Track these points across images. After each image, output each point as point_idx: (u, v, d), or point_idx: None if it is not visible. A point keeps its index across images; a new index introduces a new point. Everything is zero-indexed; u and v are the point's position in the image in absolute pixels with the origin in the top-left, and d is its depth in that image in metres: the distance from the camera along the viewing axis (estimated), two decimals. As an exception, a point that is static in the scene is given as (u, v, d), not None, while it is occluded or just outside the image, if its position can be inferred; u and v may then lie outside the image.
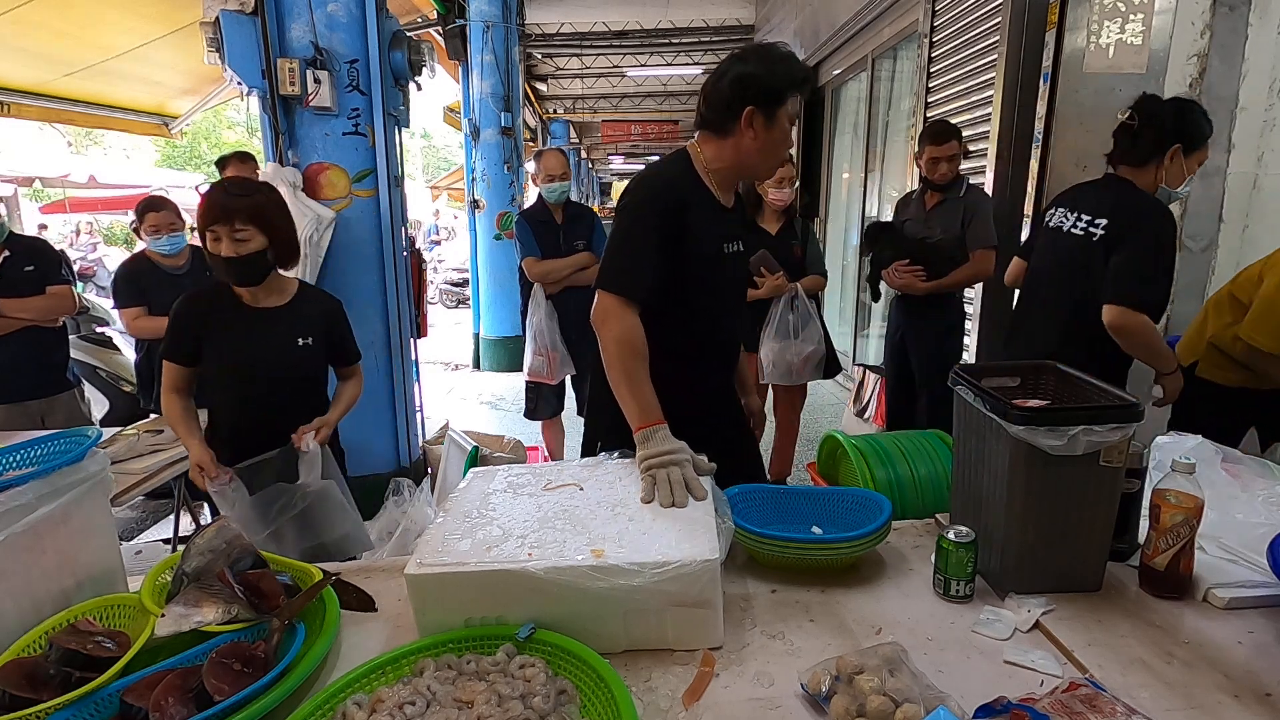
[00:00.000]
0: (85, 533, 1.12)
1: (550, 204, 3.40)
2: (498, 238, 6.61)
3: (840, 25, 5.55)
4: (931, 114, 4.10)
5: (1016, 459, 1.09)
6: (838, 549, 1.19)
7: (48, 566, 1.05)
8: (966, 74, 3.72)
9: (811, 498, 1.41)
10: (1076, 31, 2.65)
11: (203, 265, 3.13)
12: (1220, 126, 2.58)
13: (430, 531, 1.11)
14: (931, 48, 4.10)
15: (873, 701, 0.83)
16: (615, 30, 9.38)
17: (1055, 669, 0.96)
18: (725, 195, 1.55)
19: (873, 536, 1.20)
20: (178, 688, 0.89)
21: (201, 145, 20.96)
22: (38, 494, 1.02)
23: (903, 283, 3.02)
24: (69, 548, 1.09)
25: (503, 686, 0.90)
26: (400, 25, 3.05)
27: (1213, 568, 1.16)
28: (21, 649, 1.00)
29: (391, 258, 3.00)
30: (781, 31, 7.41)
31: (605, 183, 23.80)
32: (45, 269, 2.87)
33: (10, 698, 0.90)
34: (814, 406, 4.87)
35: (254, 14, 2.67)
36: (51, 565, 1.06)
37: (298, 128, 2.80)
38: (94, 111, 5.31)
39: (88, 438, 1.14)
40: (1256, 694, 0.90)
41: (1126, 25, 2.59)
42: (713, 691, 0.95)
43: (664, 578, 0.98)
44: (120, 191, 10.40)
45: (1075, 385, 1.25)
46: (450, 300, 12.75)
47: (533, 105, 11.61)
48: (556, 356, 3.36)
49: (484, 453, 3.09)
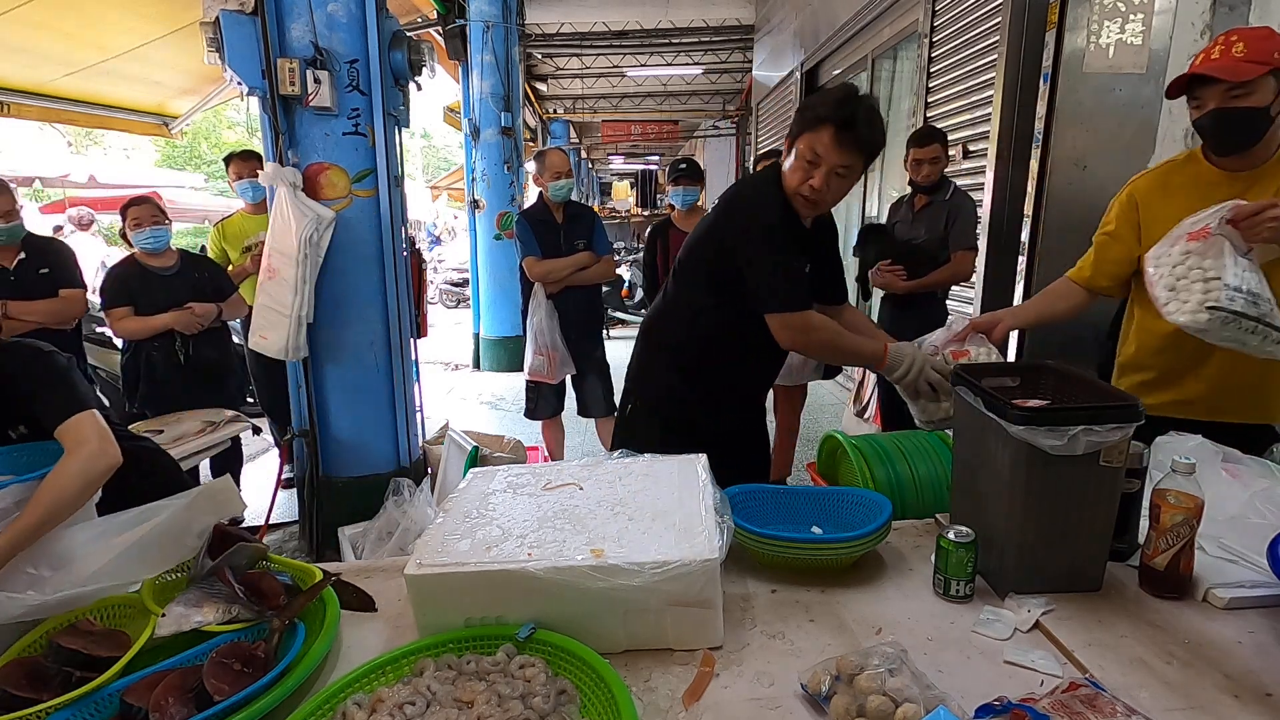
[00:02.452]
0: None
1: (552, 203, 3.41)
2: (498, 238, 6.61)
3: (840, 25, 5.55)
4: (931, 114, 4.10)
5: (1016, 459, 1.09)
6: (837, 549, 1.19)
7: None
8: (966, 74, 3.72)
9: (811, 498, 1.41)
10: (1076, 31, 2.65)
11: (192, 266, 3.14)
12: (1220, 126, 2.58)
13: (430, 531, 1.11)
14: (931, 48, 4.10)
15: (873, 701, 0.83)
16: (615, 30, 9.38)
17: (1055, 669, 0.96)
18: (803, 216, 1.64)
19: (873, 536, 1.20)
20: (178, 688, 0.89)
21: (201, 145, 20.94)
22: (17, 499, 1.01)
23: (883, 282, 3.21)
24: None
25: (503, 686, 0.90)
26: (400, 25, 3.04)
27: (1213, 568, 1.16)
28: (22, 649, 1.00)
29: (391, 258, 2.99)
30: (781, 31, 7.42)
31: (605, 183, 23.76)
32: (59, 272, 2.89)
33: (10, 698, 0.90)
34: (814, 406, 4.87)
35: (254, 14, 2.66)
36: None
37: (298, 128, 2.80)
38: (94, 111, 5.31)
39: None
40: (1256, 694, 0.90)
41: (1126, 25, 2.59)
42: (713, 691, 0.95)
43: (664, 577, 0.98)
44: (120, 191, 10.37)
45: (1075, 385, 1.25)
46: (450, 300, 12.75)
47: (533, 105, 11.61)
48: (556, 356, 3.36)
49: (484, 453, 3.08)
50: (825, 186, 1.52)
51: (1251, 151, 1.47)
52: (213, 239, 3.69)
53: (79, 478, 1.23)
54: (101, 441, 1.31)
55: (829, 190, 1.53)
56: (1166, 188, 1.60)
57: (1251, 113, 1.39)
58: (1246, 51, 1.36)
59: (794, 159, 1.56)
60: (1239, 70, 1.35)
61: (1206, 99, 1.41)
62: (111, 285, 3.00)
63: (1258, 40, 1.37)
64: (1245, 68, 1.35)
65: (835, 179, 1.52)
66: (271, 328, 2.84)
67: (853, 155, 1.51)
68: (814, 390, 4.80)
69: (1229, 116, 1.40)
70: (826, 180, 1.52)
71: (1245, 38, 1.38)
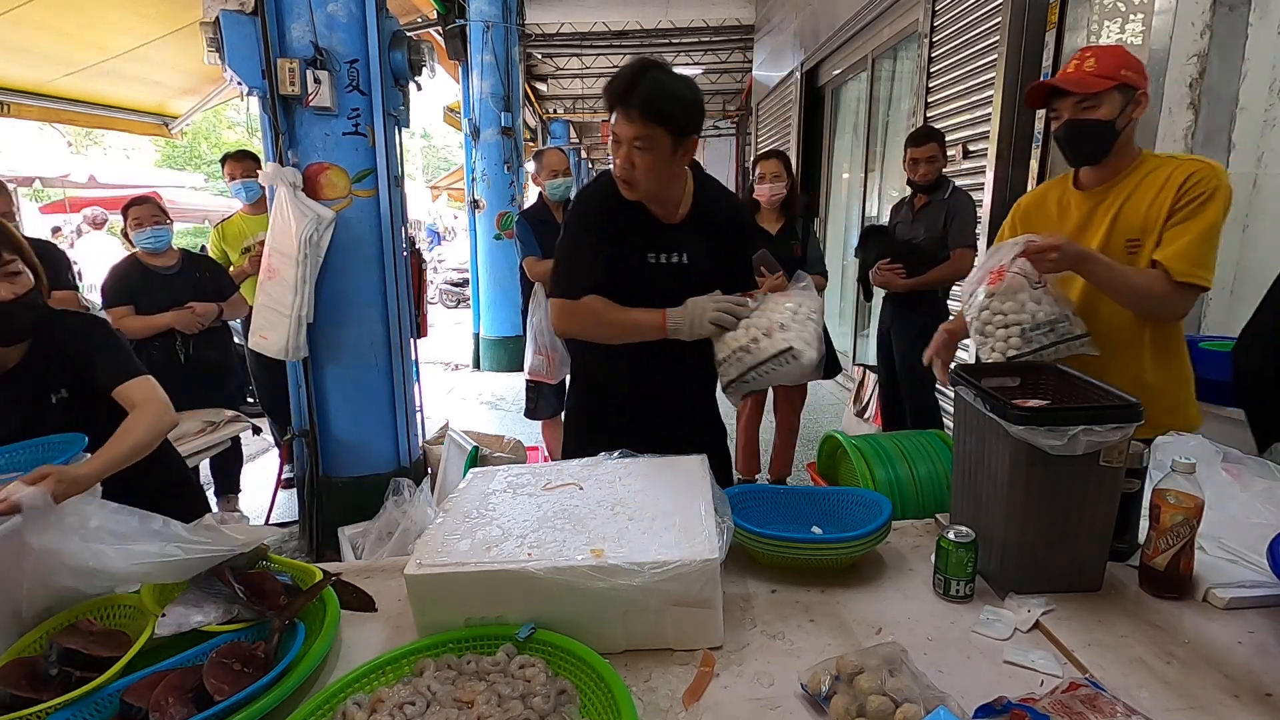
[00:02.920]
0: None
1: (551, 202, 3.41)
2: (498, 238, 6.61)
3: (840, 25, 5.55)
4: (931, 114, 4.10)
5: (1016, 459, 1.09)
6: (837, 549, 1.19)
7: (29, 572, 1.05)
8: (966, 74, 3.72)
9: (811, 498, 1.41)
10: (1076, 31, 2.65)
11: (193, 266, 3.14)
12: (1220, 126, 2.58)
13: (430, 532, 1.11)
14: (931, 48, 4.10)
15: (873, 701, 0.83)
16: (615, 30, 9.38)
17: (1055, 669, 0.96)
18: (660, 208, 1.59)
19: (873, 536, 1.20)
20: (178, 688, 0.89)
21: (201, 145, 20.93)
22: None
23: (882, 280, 3.22)
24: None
25: (503, 686, 0.90)
26: (400, 25, 3.04)
27: (1213, 568, 1.16)
28: (22, 649, 1.00)
29: (391, 258, 3.00)
30: (781, 31, 7.42)
31: (605, 183, 23.68)
32: (51, 274, 2.87)
33: (11, 697, 0.90)
34: (814, 406, 4.87)
35: (254, 14, 2.66)
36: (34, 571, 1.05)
37: (298, 128, 2.80)
38: (94, 111, 5.31)
39: (72, 444, 1.14)
40: (1256, 694, 0.90)
41: (1126, 25, 2.59)
42: (713, 691, 0.95)
43: (664, 577, 0.98)
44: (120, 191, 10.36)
45: (1075, 385, 1.25)
46: (450, 300, 12.75)
47: (533, 105, 11.61)
48: (556, 356, 3.36)
49: (484, 453, 3.08)
50: (630, 164, 1.47)
51: (1104, 165, 1.54)
52: (213, 241, 3.69)
53: (150, 430, 1.43)
54: (165, 402, 1.52)
55: (637, 168, 1.47)
56: (1042, 208, 1.68)
57: (1099, 125, 1.46)
58: (1096, 67, 1.45)
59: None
60: (1087, 83, 1.44)
61: (1061, 110, 1.50)
62: (112, 284, 3.00)
63: (1108, 57, 1.46)
64: (1093, 81, 1.44)
65: (638, 154, 1.46)
66: (271, 328, 2.84)
67: (642, 126, 1.43)
68: (814, 390, 4.81)
69: (1079, 128, 1.48)
70: (629, 157, 1.47)
71: (1097, 54, 1.47)
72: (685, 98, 1.47)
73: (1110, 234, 1.52)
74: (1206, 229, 1.42)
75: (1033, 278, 1.48)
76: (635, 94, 1.42)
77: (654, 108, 1.42)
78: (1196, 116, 2.57)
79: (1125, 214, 1.50)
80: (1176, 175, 1.46)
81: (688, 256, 1.62)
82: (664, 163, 1.49)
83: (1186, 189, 1.44)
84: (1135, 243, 1.50)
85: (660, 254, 1.61)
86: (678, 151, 1.49)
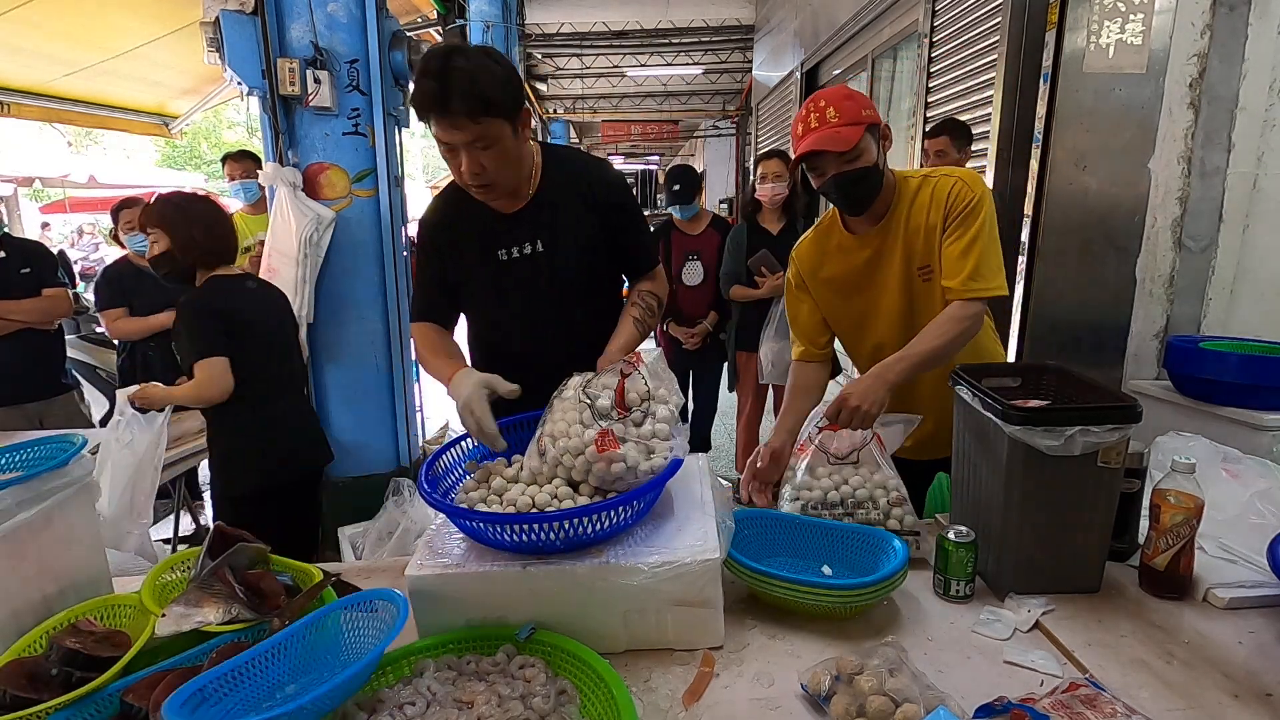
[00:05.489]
0: (68, 539, 1.11)
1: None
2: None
3: (840, 25, 5.55)
4: (932, 114, 4.10)
5: (1015, 459, 1.09)
6: (846, 595, 1.06)
7: (28, 573, 1.05)
8: (966, 74, 3.72)
9: (821, 531, 1.28)
10: (1076, 31, 2.65)
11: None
12: (1220, 126, 2.58)
13: (431, 532, 1.11)
14: (931, 48, 4.10)
15: (873, 701, 0.83)
16: (615, 30, 9.37)
17: (1055, 669, 0.96)
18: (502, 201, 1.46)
19: (886, 583, 1.07)
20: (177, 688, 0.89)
21: (201, 145, 20.94)
22: (17, 499, 1.01)
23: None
24: (50, 554, 1.08)
25: (503, 687, 0.90)
26: (400, 25, 3.04)
27: (1213, 568, 1.17)
28: (22, 649, 1.00)
29: (391, 258, 3.00)
30: (781, 31, 7.42)
31: (605, 183, 23.68)
32: (41, 271, 2.87)
33: (11, 698, 0.90)
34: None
35: (254, 14, 2.66)
36: (32, 572, 1.05)
37: (298, 128, 2.80)
38: (94, 111, 5.31)
39: (73, 444, 1.13)
40: (1256, 694, 0.90)
41: (1126, 25, 2.58)
42: (713, 691, 0.95)
43: (664, 577, 0.98)
44: (120, 191, 10.38)
45: (1076, 385, 1.25)
46: (450, 300, 12.71)
47: (533, 105, 11.60)
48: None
49: (484, 453, 3.08)
50: (480, 167, 1.33)
51: (871, 209, 1.53)
52: None
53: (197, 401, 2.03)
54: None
55: (488, 169, 1.34)
56: (823, 253, 1.66)
57: (866, 171, 1.44)
58: (840, 116, 1.40)
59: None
60: (843, 138, 1.40)
61: (825, 167, 1.45)
62: (106, 286, 3.00)
63: (843, 103, 1.41)
64: (847, 133, 1.40)
65: (484, 155, 1.31)
66: (271, 328, 2.83)
67: (474, 126, 1.27)
68: (814, 390, 4.79)
69: (849, 178, 1.44)
70: (476, 161, 1.32)
71: (833, 103, 1.42)
72: (499, 75, 1.29)
73: (905, 266, 1.53)
74: (977, 240, 1.43)
75: (830, 455, 1.41)
76: (452, 96, 1.24)
77: (479, 102, 1.26)
78: (1196, 116, 2.57)
79: (909, 245, 1.51)
80: (938, 192, 1.48)
81: (541, 244, 1.49)
82: (512, 150, 1.35)
83: (951, 205, 1.46)
84: (927, 269, 1.51)
85: (509, 248, 1.49)
86: (519, 132, 1.36)
